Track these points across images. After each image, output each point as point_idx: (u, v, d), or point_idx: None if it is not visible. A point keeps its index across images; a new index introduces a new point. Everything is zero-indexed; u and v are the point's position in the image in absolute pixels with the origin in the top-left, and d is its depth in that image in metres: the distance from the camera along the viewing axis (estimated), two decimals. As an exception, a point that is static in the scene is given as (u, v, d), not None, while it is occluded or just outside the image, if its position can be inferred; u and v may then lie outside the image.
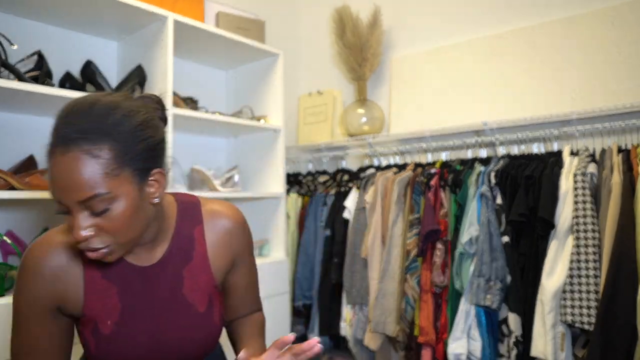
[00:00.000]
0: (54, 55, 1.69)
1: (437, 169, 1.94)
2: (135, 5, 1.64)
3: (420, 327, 1.81)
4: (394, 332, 1.85)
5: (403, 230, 1.92)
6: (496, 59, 2.07)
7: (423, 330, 1.80)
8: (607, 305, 1.37)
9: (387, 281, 1.91)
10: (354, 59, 2.37)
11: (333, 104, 2.59)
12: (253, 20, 2.19)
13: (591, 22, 1.84)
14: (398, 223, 1.93)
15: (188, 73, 2.23)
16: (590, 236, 1.47)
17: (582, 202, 1.50)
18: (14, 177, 1.37)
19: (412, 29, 2.40)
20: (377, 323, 1.89)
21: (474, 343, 1.66)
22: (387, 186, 2.00)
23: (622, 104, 1.64)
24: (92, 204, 0.65)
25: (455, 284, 1.73)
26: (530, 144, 1.90)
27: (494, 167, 1.77)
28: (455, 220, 1.81)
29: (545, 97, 1.91)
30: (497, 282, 1.61)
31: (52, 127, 0.68)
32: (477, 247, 1.66)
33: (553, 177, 1.60)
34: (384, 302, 1.90)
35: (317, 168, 2.55)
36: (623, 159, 1.51)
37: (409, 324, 1.87)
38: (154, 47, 1.78)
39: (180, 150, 2.15)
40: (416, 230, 1.89)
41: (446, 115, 2.17)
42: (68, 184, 0.65)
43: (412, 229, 1.90)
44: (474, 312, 1.67)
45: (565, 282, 1.49)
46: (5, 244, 1.52)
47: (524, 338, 1.58)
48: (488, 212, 1.67)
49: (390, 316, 1.87)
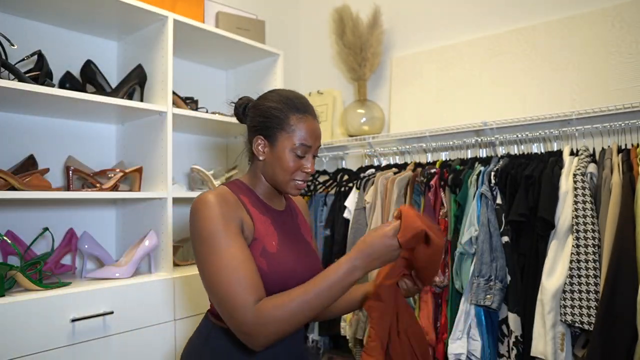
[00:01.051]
0: (54, 55, 1.69)
1: (437, 169, 1.94)
2: (135, 5, 1.64)
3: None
4: None
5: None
6: (496, 59, 2.07)
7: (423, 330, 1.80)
8: (607, 305, 1.37)
9: (387, 281, 1.91)
10: (354, 59, 2.37)
11: (333, 104, 2.59)
12: (253, 20, 2.19)
13: (591, 22, 1.84)
14: (398, 223, 1.93)
15: (188, 73, 2.23)
16: (590, 236, 1.47)
17: (582, 202, 1.50)
18: (14, 177, 1.37)
19: (412, 29, 2.40)
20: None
21: (473, 343, 1.66)
22: (387, 186, 2.00)
23: (622, 104, 1.64)
24: (317, 151, 1.08)
25: (455, 283, 1.73)
26: (530, 144, 1.90)
27: (494, 167, 1.77)
28: (455, 220, 1.81)
29: (545, 97, 1.91)
30: (497, 282, 1.60)
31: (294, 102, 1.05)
32: (477, 247, 1.66)
33: (553, 177, 1.60)
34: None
35: (317, 168, 2.55)
36: (623, 158, 1.51)
37: (409, 324, 1.87)
38: (154, 47, 1.78)
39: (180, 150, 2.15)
40: (416, 230, 1.89)
41: (446, 115, 2.17)
42: (318, 135, 1.06)
43: (412, 229, 1.89)
44: (474, 312, 1.67)
45: (565, 282, 1.49)
46: (5, 244, 1.52)
47: (524, 338, 1.58)
48: (488, 212, 1.67)
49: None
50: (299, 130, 1.02)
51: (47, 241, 1.68)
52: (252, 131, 1.07)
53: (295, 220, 1.16)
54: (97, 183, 1.63)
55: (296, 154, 1.02)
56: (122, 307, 1.48)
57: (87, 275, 1.59)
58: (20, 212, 1.66)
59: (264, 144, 1.05)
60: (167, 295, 1.61)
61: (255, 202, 1.05)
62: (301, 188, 1.06)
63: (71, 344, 1.35)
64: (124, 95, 1.73)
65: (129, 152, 1.89)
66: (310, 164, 1.05)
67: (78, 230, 1.74)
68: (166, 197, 1.70)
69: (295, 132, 1.02)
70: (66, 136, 1.79)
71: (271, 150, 1.04)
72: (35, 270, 1.42)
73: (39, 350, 1.28)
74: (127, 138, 1.91)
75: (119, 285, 1.49)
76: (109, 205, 1.92)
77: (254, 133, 1.07)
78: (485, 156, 1.96)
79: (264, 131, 1.04)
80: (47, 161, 1.69)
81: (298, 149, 1.02)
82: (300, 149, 1.02)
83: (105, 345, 1.43)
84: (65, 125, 1.79)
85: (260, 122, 1.05)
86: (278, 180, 1.05)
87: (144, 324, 1.53)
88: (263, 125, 1.04)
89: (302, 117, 1.03)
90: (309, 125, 1.04)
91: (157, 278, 1.60)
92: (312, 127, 1.05)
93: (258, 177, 1.08)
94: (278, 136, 1.02)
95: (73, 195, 1.50)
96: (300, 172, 1.04)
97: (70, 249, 1.70)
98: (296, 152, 1.02)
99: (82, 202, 1.83)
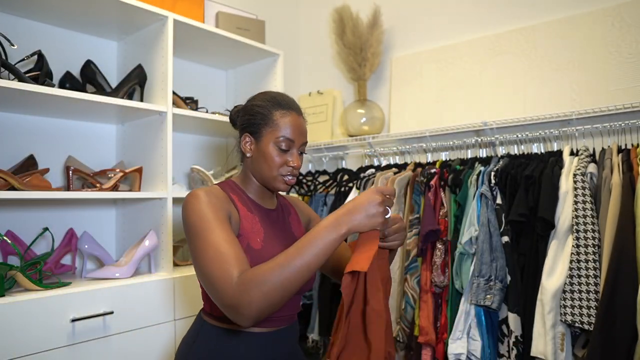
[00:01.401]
0: (54, 55, 1.69)
1: (437, 169, 1.94)
2: (135, 5, 1.64)
3: (420, 327, 1.81)
4: (393, 332, 1.85)
5: (403, 231, 1.92)
6: (496, 59, 2.07)
7: (423, 330, 1.79)
8: (606, 305, 1.37)
9: (387, 281, 1.91)
10: (354, 59, 2.37)
11: (333, 104, 2.59)
12: (253, 20, 2.19)
13: (591, 22, 1.84)
14: (398, 223, 1.93)
15: (188, 73, 2.23)
16: (590, 236, 1.47)
17: (582, 202, 1.50)
18: (14, 177, 1.37)
19: (412, 29, 2.40)
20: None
21: (473, 343, 1.66)
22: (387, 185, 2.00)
23: (622, 104, 1.64)
24: (303, 147, 1.09)
25: (455, 283, 1.73)
26: (530, 144, 1.90)
27: (493, 167, 1.77)
28: (455, 220, 1.81)
29: (545, 97, 1.91)
30: (497, 282, 1.60)
31: (278, 99, 1.07)
32: (477, 247, 1.66)
33: (553, 177, 1.60)
34: (384, 302, 1.90)
35: (317, 168, 2.55)
36: (623, 159, 1.51)
37: (409, 324, 1.87)
38: (154, 47, 1.78)
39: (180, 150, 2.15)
40: (416, 230, 1.89)
41: (446, 115, 2.17)
42: (303, 131, 1.08)
43: (412, 229, 1.90)
44: (474, 312, 1.67)
45: (565, 282, 1.49)
46: (5, 244, 1.52)
47: (524, 338, 1.58)
48: (488, 212, 1.67)
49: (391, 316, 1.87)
50: (282, 125, 1.04)
51: (47, 241, 1.68)
52: (240, 130, 1.11)
53: (287, 219, 1.17)
54: (97, 183, 1.63)
55: (280, 148, 1.04)
56: (122, 307, 1.48)
57: (87, 275, 1.59)
58: (20, 212, 1.66)
59: (250, 141, 1.08)
60: (167, 295, 1.61)
61: (245, 200, 1.08)
62: (289, 183, 1.07)
63: (71, 344, 1.35)
64: (124, 95, 1.73)
65: (129, 152, 1.89)
66: (295, 159, 1.06)
67: (78, 230, 1.74)
68: (166, 197, 1.70)
69: (279, 126, 1.04)
70: (66, 136, 1.79)
71: (257, 147, 1.06)
72: (35, 270, 1.42)
73: (39, 350, 1.28)
74: (127, 138, 1.91)
75: (119, 285, 1.49)
76: (108, 205, 1.92)
77: (241, 132, 1.11)
78: (486, 156, 1.97)
79: (250, 128, 1.08)
80: (47, 161, 1.69)
81: (282, 143, 1.04)
82: (284, 143, 1.04)
83: (105, 345, 1.43)
84: (65, 125, 1.79)
85: (246, 120, 1.09)
86: (265, 176, 1.06)
87: (144, 324, 1.53)
88: (249, 123, 1.08)
89: (285, 113, 1.06)
90: (292, 120, 1.06)
91: (157, 278, 1.60)
92: (296, 122, 1.06)
93: (248, 176, 1.11)
94: (263, 132, 1.05)
95: (73, 195, 1.50)
96: (286, 166, 1.05)
97: (70, 249, 1.70)
98: (280, 146, 1.04)
99: (82, 202, 1.83)
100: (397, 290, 1.88)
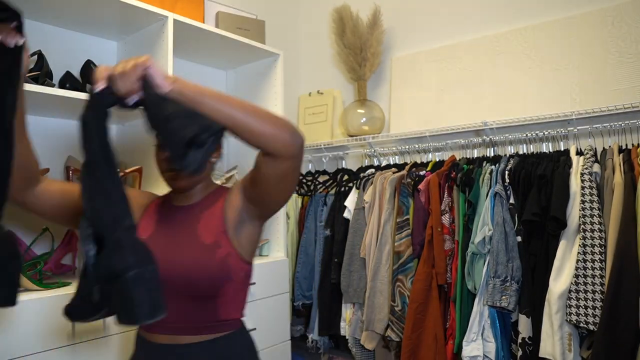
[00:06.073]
0: (54, 55, 1.69)
1: (427, 172, 1.93)
2: (136, 5, 1.63)
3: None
4: (383, 330, 1.86)
5: (393, 230, 1.92)
6: (496, 59, 2.06)
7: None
8: (610, 306, 1.36)
9: (377, 280, 1.92)
10: (354, 58, 2.37)
11: (333, 104, 2.59)
12: (253, 20, 2.19)
13: (591, 22, 1.84)
14: (390, 222, 1.94)
15: (188, 73, 2.23)
16: (597, 236, 1.45)
17: (590, 202, 1.48)
18: (14, 177, 1.37)
19: (412, 29, 2.40)
20: (368, 321, 1.92)
21: (488, 345, 1.64)
22: (384, 185, 2.01)
23: (622, 104, 1.64)
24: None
25: (468, 284, 1.70)
26: (530, 144, 1.90)
27: (505, 166, 1.75)
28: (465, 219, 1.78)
29: (545, 97, 1.91)
30: (513, 282, 1.58)
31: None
32: (492, 247, 1.63)
33: (564, 175, 1.58)
34: (374, 300, 1.91)
35: (317, 168, 2.55)
36: (624, 159, 1.51)
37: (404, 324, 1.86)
38: (154, 47, 1.78)
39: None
40: (407, 231, 1.89)
41: (446, 115, 2.17)
42: None
43: (403, 230, 1.89)
44: (488, 313, 1.64)
45: (572, 282, 1.48)
46: (5, 244, 1.52)
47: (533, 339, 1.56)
48: (503, 212, 1.64)
49: (380, 314, 1.88)
50: None
51: (47, 241, 1.68)
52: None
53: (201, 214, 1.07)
54: (97, 183, 1.63)
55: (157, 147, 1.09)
56: (122, 307, 1.47)
57: (87, 275, 1.59)
58: (20, 212, 1.66)
59: None
60: (167, 295, 1.61)
61: (161, 203, 1.12)
62: (174, 179, 1.05)
63: (71, 344, 1.35)
64: (124, 95, 1.73)
65: (129, 152, 1.89)
66: (165, 154, 1.05)
67: (78, 230, 1.74)
68: (166, 197, 1.69)
69: None
70: (66, 136, 1.79)
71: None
72: (35, 270, 1.41)
73: (39, 350, 1.28)
74: (127, 138, 1.91)
75: (119, 285, 1.49)
76: (109, 205, 1.91)
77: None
78: (493, 155, 1.95)
79: None
80: (47, 161, 1.69)
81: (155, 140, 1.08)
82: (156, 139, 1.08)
83: (105, 345, 1.43)
84: (65, 125, 1.79)
85: None
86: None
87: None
88: None
89: None
90: None
91: (157, 278, 1.60)
92: None
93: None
94: None
95: (73, 195, 1.49)
96: (162, 162, 1.07)
97: (70, 249, 1.70)
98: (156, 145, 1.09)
99: (82, 202, 1.82)
100: (388, 289, 1.89)
